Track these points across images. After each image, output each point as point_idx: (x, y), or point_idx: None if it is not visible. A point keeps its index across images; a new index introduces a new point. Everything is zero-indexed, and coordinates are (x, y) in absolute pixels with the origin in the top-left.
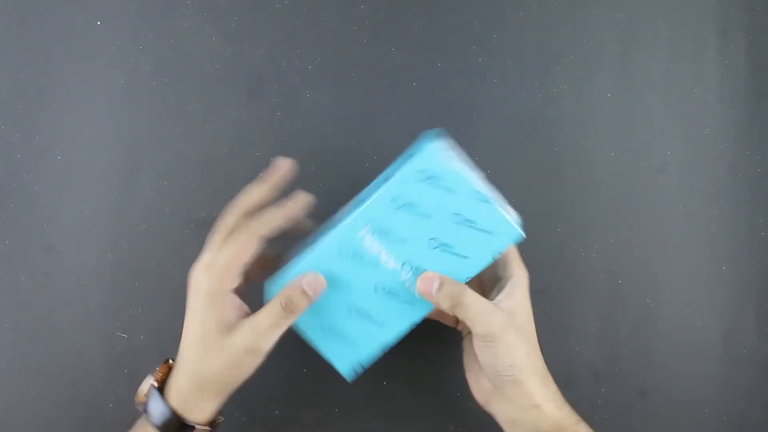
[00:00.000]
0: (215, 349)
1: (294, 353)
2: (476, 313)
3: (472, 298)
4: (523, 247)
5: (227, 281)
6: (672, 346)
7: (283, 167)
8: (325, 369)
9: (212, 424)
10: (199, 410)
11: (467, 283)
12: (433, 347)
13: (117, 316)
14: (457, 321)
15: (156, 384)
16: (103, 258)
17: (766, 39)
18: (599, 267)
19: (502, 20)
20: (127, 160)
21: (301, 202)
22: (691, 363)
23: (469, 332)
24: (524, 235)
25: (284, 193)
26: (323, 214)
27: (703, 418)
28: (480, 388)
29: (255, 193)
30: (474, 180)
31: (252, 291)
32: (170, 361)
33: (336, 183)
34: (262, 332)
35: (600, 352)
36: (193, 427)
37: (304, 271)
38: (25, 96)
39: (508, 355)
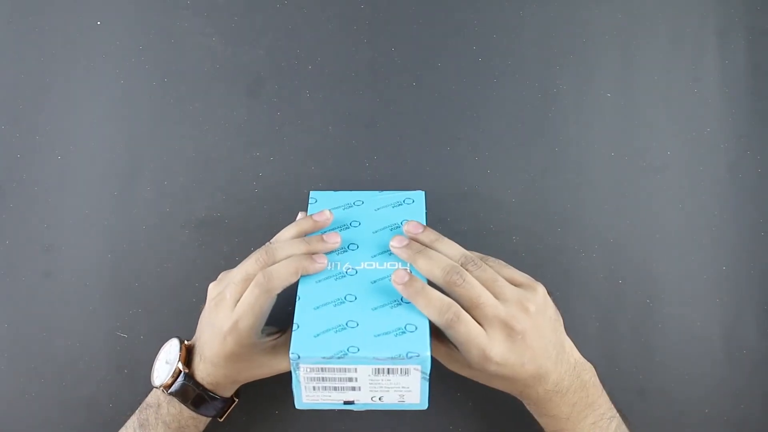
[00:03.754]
0: (257, 365)
1: None
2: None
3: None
4: (523, 248)
5: (255, 335)
6: (672, 346)
7: (321, 218)
8: None
9: (236, 394)
10: (228, 391)
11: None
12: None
13: (117, 316)
14: None
15: (185, 369)
16: (103, 258)
17: (766, 39)
18: (599, 267)
19: (502, 20)
20: (127, 159)
21: (333, 244)
22: (691, 363)
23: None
24: None
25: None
26: None
27: (703, 418)
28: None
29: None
30: None
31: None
32: (185, 342)
33: (336, 183)
34: None
35: (600, 352)
36: (218, 398)
37: None
38: (25, 96)
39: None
